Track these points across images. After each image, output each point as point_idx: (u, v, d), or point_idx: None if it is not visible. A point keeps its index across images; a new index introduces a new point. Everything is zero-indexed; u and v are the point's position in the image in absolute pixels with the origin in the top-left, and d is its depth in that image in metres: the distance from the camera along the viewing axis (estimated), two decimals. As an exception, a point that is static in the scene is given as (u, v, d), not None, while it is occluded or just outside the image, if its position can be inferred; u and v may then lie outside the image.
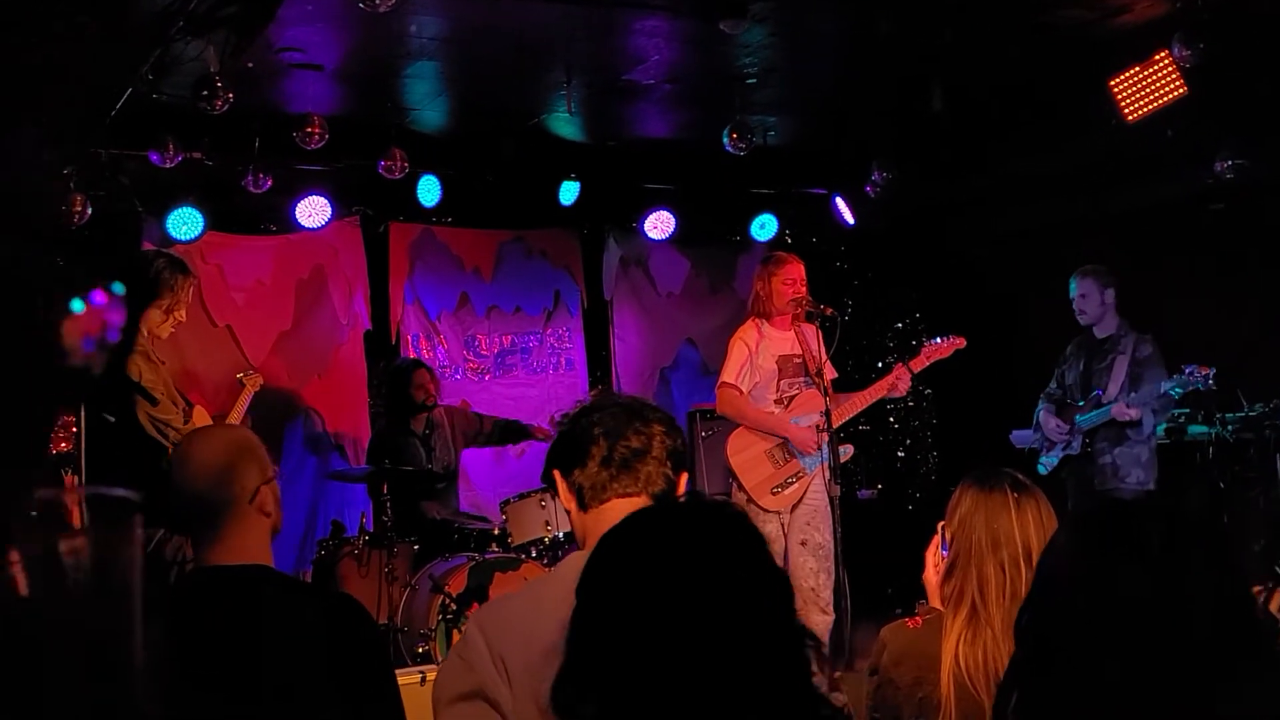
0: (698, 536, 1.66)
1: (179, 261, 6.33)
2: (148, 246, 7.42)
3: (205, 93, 6.23)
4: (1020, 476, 3.21)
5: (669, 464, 2.61)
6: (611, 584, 1.64)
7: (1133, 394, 6.59)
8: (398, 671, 3.01)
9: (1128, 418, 6.58)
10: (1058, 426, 6.94)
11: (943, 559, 3.19)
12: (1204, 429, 7.28)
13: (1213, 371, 6.41)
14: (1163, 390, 6.52)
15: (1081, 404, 6.86)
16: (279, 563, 7.94)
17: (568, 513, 2.68)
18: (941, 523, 3.26)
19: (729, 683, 1.54)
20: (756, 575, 1.64)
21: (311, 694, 2.53)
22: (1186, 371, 6.43)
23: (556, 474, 2.65)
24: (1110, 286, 6.86)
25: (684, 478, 2.71)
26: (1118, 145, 7.49)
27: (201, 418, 6.28)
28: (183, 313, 6.21)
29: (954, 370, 7.54)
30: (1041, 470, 6.93)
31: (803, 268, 6.68)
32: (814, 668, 1.64)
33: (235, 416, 6.66)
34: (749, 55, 6.95)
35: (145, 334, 6.05)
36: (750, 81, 7.31)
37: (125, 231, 7.60)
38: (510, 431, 8.11)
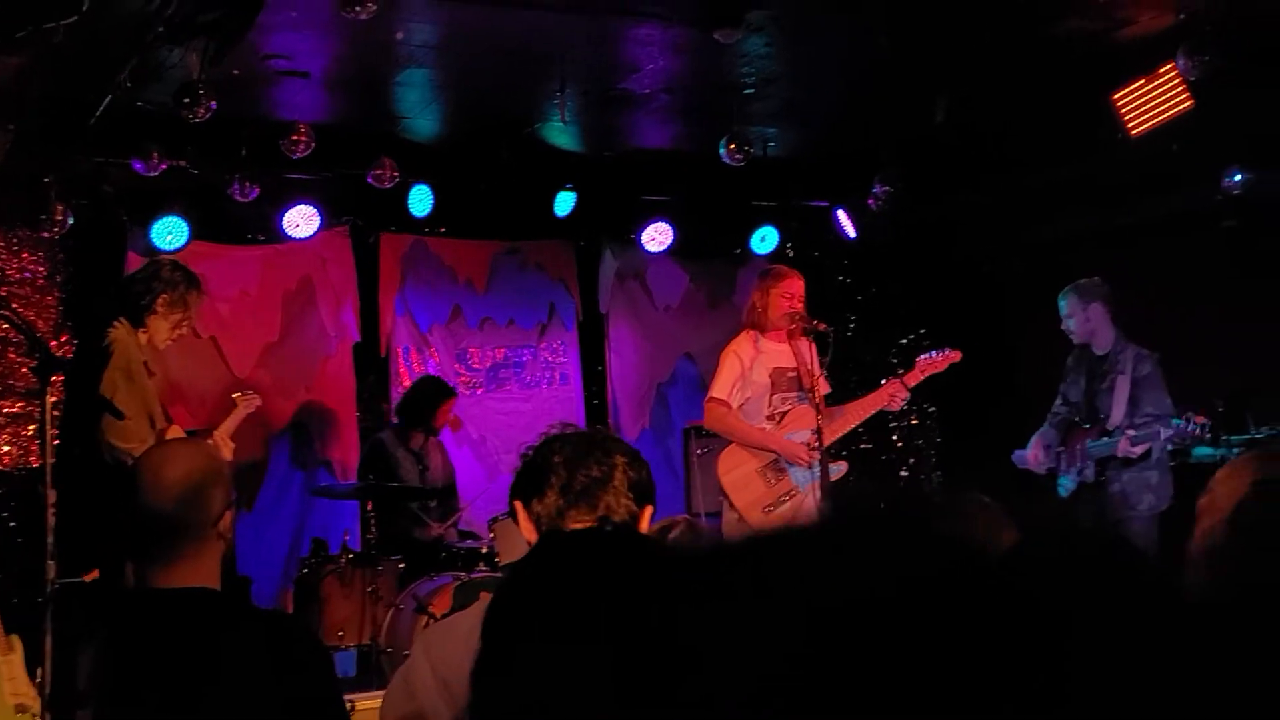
0: (604, 567, 1.62)
1: (192, 275, 6.18)
2: (132, 256, 7.32)
3: (187, 100, 6.17)
4: (986, 499, 3.16)
5: (631, 495, 2.57)
6: (512, 621, 1.61)
7: (1133, 431, 6.42)
8: (380, 693, 2.97)
9: (1133, 455, 6.42)
10: (1035, 459, 6.81)
11: None
12: (1210, 451, 7.12)
13: (1208, 423, 6.27)
14: (1162, 438, 6.36)
15: (1089, 427, 6.71)
16: (263, 582, 7.78)
17: (528, 543, 2.60)
18: None
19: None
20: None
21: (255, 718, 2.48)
22: (1186, 421, 6.28)
23: (518, 505, 2.62)
24: (1093, 301, 6.69)
25: (648, 511, 2.68)
26: (1125, 159, 7.34)
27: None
28: (187, 327, 6.11)
29: (958, 388, 7.39)
30: (1061, 492, 6.78)
31: (802, 283, 6.57)
32: None
33: (224, 434, 6.50)
34: (747, 65, 6.82)
35: (144, 343, 5.90)
36: (748, 91, 7.18)
37: (109, 241, 7.49)
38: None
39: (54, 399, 5.11)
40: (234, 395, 6.81)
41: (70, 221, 7.08)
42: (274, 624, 2.93)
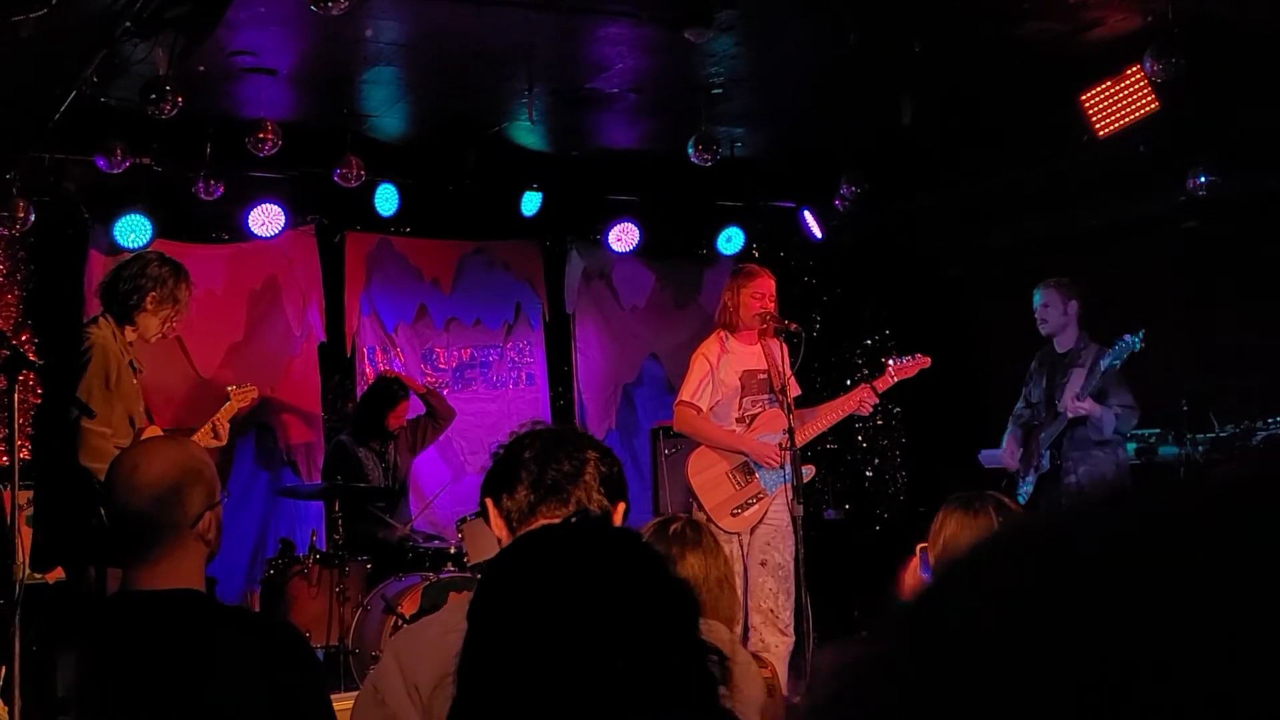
0: (587, 556, 1.62)
1: (180, 267, 5.91)
2: (94, 254, 7.22)
3: (153, 96, 6.07)
4: (1004, 498, 3.28)
5: (602, 491, 2.56)
6: (499, 608, 1.60)
7: (1078, 391, 6.52)
8: (348, 694, 2.92)
9: (1081, 412, 6.49)
10: (1010, 454, 6.89)
11: (923, 581, 3.14)
12: (1174, 450, 7.20)
13: (1141, 333, 6.35)
14: (1103, 367, 6.44)
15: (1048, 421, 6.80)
16: (227, 582, 7.66)
17: (498, 541, 2.59)
18: (921, 544, 3.21)
19: (624, 703, 1.49)
20: (648, 593, 1.59)
21: None
22: (1118, 342, 6.36)
23: (488, 503, 2.60)
24: (1073, 299, 6.79)
25: (621, 508, 2.65)
26: (1090, 161, 7.41)
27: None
28: (179, 320, 5.91)
29: (923, 389, 7.43)
30: (1021, 499, 6.81)
31: (773, 283, 6.58)
32: (719, 682, 1.58)
33: (207, 430, 6.34)
34: (715, 65, 6.81)
35: (131, 341, 5.71)
36: (716, 92, 7.18)
37: (71, 239, 7.40)
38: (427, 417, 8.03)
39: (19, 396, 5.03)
40: (229, 388, 6.53)
41: (31, 219, 6.98)
42: (261, 626, 2.90)
